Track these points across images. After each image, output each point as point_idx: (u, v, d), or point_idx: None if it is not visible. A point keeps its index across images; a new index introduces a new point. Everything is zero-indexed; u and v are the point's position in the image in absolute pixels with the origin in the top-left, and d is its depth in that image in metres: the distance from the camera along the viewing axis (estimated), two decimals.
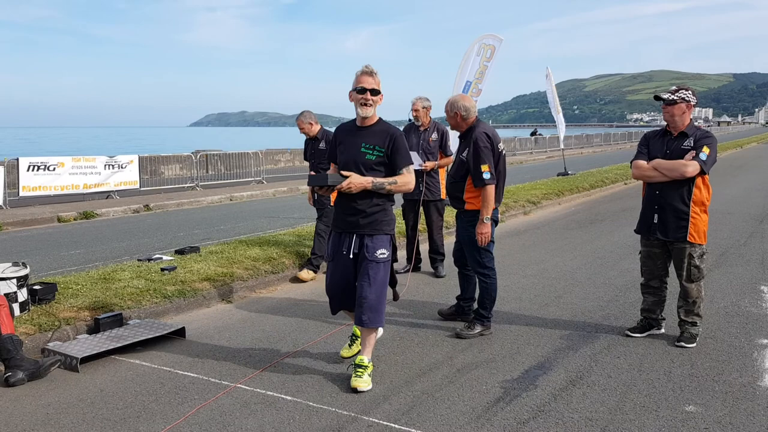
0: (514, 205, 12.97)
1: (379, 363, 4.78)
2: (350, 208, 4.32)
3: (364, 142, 4.29)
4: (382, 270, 4.34)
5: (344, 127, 4.52)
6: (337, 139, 4.48)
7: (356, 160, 4.28)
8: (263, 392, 4.29)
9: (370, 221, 4.29)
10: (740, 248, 9.04)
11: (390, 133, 4.30)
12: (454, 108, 5.40)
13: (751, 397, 4.11)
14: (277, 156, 24.95)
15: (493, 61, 12.88)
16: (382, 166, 4.30)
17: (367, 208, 4.28)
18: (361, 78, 4.26)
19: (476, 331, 5.42)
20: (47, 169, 15.03)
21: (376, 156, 4.27)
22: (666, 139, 5.08)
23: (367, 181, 4.22)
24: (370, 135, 4.31)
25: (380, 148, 4.27)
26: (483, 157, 5.19)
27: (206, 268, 7.04)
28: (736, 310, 6.04)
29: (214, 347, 5.23)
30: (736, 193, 15.98)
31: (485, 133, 5.31)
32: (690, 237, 4.95)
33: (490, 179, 5.20)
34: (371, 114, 4.29)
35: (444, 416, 3.89)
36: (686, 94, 4.96)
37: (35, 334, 5.10)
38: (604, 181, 18.12)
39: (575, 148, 41.57)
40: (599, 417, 3.86)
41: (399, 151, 4.28)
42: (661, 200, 5.03)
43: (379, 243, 4.31)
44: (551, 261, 8.39)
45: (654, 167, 5.01)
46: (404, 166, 4.30)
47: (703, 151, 4.85)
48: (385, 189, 4.26)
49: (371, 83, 4.25)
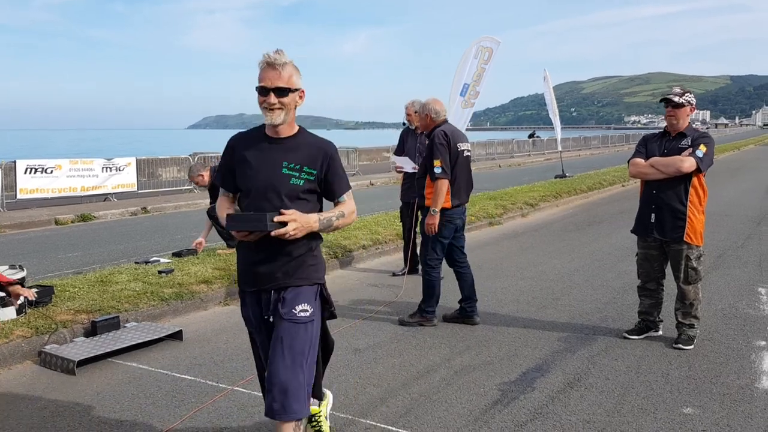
0: (511, 207, 12.97)
1: (377, 365, 4.78)
2: (265, 253, 2.97)
3: (285, 161, 2.96)
4: (304, 334, 2.99)
5: (246, 137, 3.10)
6: (236, 156, 3.07)
7: (276, 186, 2.94)
8: (261, 395, 4.26)
9: (290, 269, 3.00)
10: (738, 250, 9.05)
11: (324, 149, 3.01)
12: (425, 109, 5.75)
13: (749, 399, 4.11)
14: None
15: (490, 63, 12.90)
16: (311, 195, 3.02)
17: (291, 251, 2.98)
18: (261, 73, 2.92)
19: (415, 320, 5.76)
20: (45, 171, 15.00)
21: (305, 180, 2.96)
22: (664, 139, 5.11)
23: (313, 221, 2.93)
24: (291, 150, 2.98)
25: (310, 169, 2.97)
26: (436, 152, 5.49)
27: (204, 270, 7.03)
28: (733, 312, 6.04)
29: (211, 350, 5.21)
30: (734, 195, 16.00)
31: (443, 131, 5.60)
32: (687, 237, 4.96)
33: (441, 174, 5.46)
34: (281, 121, 2.93)
35: (441, 419, 3.88)
36: (691, 97, 5.00)
37: (32, 337, 5.08)
38: (602, 183, 18.13)
39: (573, 150, 41.61)
40: (597, 419, 3.85)
41: (338, 172, 3.06)
42: (658, 200, 5.04)
43: (300, 296, 3.01)
44: (549, 263, 8.39)
45: (651, 164, 5.02)
46: (345, 192, 3.09)
47: (699, 149, 4.87)
48: (332, 227, 3.04)
49: (276, 79, 2.89)
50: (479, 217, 11.60)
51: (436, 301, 5.78)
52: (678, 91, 5.00)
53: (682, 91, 5.00)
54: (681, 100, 4.93)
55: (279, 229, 2.81)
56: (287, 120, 2.96)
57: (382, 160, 27.11)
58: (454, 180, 5.57)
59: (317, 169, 2.99)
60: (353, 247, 8.58)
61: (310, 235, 3.00)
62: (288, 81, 2.91)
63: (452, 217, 5.64)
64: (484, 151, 35.32)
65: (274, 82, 2.89)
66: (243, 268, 3.10)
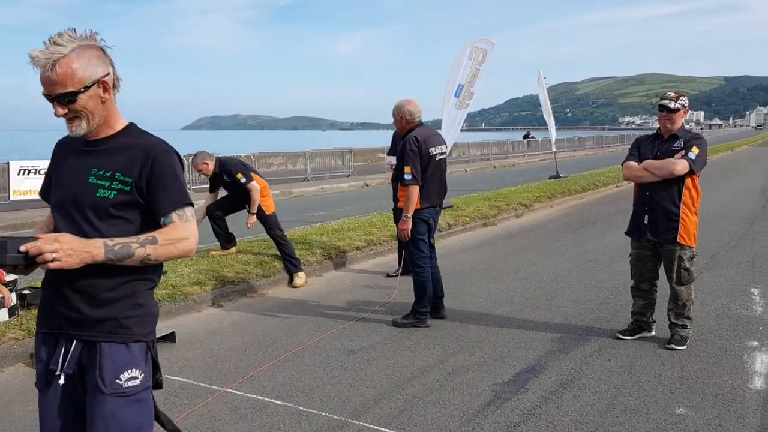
0: (506, 208, 12.99)
1: (370, 367, 4.77)
2: (67, 290, 2.20)
3: (95, 167, 2.23)
4: (136, 414, 2.25)
5: (69, 139, 2.35)
6: (52, 163, 2.44)
7: (79, 199, 2.21)
8: (253, 397, 4.27)
9: (98, 315, 2.19)
10: (731, 251, 9.08)
11: (146, 150, 2.23)
12: (400, 112, 5.78)
13: (741, 400, 4.12)
14: (270, 159, 24.90)
15: (485, 64, 12.92)
16: (130, 211, 2.21)
17: (101, 291, 2.19)
18: (41, 77, 2.11)
19: (408, 321, 5.77)
20: (38, 172, 14.93)
21: (116, 192, 2.19)
22: (657, 142, 5.15)
23: (95, 247, 2.07)
24: (105, 154, 2.24)
25: (124, 176, 2.20)
26: (406, 158, 5.53)
27: (197, 272, 7.01)
28: (726, 313, 6.06)
29: (204, 352, 5.20)
30: (727, 196, 16.06)
31: (415, 136, 5.61)
32: (680, 238, 4.98)
33: (411, 180, 5.51)
34: (85, 130, 2.21)
35: (435, 420, 3.88)
36: (685, 100, 5.04)
37: (24, 339, 5.06)
38: (596, 184, 18.17)
39: (567, 151, 41.70)
40: (590, 420, 3.86)
41: (164, 182, 2.21)
42: (651, 202, 5.06)
43: (124, 358, 2.22)
44: (543, 264, 8.41)
45: (644, 167, 5.05)
46: (174, 209, 2.21)
47: (692, 151, 4.91)
48: (138, 258, 2.13)
49: (52, 85, 2.11)
50: (473, 217, 11.61)
51: (428, 302, 5.80)
52: (672, 95, 5.04)
53: (676, 96, 5.05)
54: (676, 105, 4.97)
55: (18, 263, 2.01)
56: (96, 123, 2.20)
57: (376, 161, 27.10)
58: (424, 184, 5.63)
59: (133, 176, 2.19)
60: (347, 248, 8.57)
61: (130, 274, 2.19)
62: (70, 81, 2.09)
63: (424, 216, 5.70)
64: (478, 151, 35.36)
65: (51, 89, 2.11)
66: (42, 298, 2.33)
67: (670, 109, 4.96)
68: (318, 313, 6.24)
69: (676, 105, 4.96)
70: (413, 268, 5.82)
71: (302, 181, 21.77)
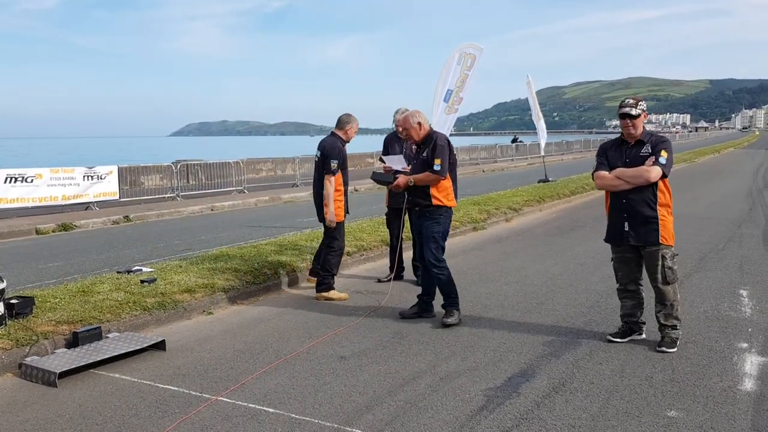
0: (495, 212, 13.02)
1: (362, 372, 4.76)
2: None
3: None
4: None
5: None
6: None
7: None
8: (245, 405, 4.24)
9: None
10: (719, 253, 9.14)
11: None
12: (416, 118, 6.07)
13: (732, 402, 4.14)
14: (259, 165, 24.85)
15: (473, 69, 12.94)
16: None
17: None
18: None
19: (455, 317, 5.94)
20: (25, 180, 14.83)
21: None
22: (623, 148, 5.27)
23: None
24: None
25: None
26: (438, 151, 5.94)
27: (187, 279, 6.98)
28: (715, 315, 6.10)
29: (195, 360, 5.17)
30: (714, 198, 16.17)
31: (445, 136, 6.23)
32: (662, 239, 5.11)
33: (440, 171, 5.91)
34: None
35: (427, 425, 3.87)
36: (644, 105, 5.19)
37: (12, 349, 5.01)
38: (584, 188, 18.24)
39: (556, 154, 41.88)
40: (582, 423, 3.87)
41: None
42: (629, 208, 5.18)
43: None
44: (533, 267, 8.43)
45: (617, 176, 5.17)
46: None
47: (662, 156, 5.05)
48: None
49: None
50: (463, 222, 11.63)
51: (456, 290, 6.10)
52: (631, 102, 5.17)
53: (635, 101, 5.17)
54: (637, 111, 5.11)
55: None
56: None
57: (365, 167, 27.09)
58: (452, 184, 6.15)
59: None
60: None
61: None
62: None
63: (450, 215, 6.15)
64: (467, 156, 35.45)
65: None
66: None
67: (632, 115, 5.10)
68: (309, 319, 6.22)
69: (637, 111, 5.10)
70: (437, 269, 5.99)
71: (291, 186, 21.73)
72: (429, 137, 6.10)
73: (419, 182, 5.99)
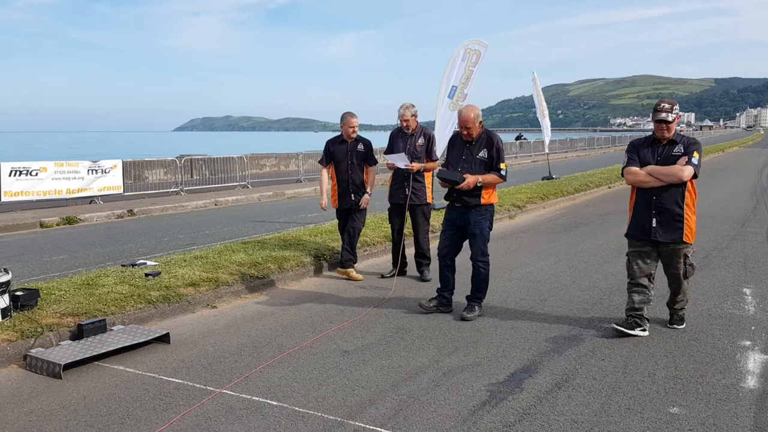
0: (499, 209, 13.00)
1: (365, 367, 4.78)
2: None
3: None
4: None
5: None
6: None
7: None
8: (249, 398, 4.26)
9: None
10: (723, 251, 9.13)
11: None
12: (479, 117, 6.05)
13: (734, 399, 4.15)
14: (263, 160, 24.87)
15: (478, 66, 12.93)
16: None
17: None
18: None
19: (476, 312, 6.02)
20: (29, 174, 14.88)
21: None
22: (655, 147, 5.38)
23: None
24: None
25: None
26: (503, 155, 6.04)
27: (191, 273, 7.00)
28: (719, 312, 6.10)
29: (199, 353, 5.19)
30: (719, 197, 16.15)
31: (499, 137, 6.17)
32: (685, 237, 5.27)
33: (506, 176, 6.05)
34: None
35: (430, 420, 3.89)
36: (677, 108, 5.35)
37: (17, 341, 5.04)
38: (588, 185, 18.23)
39: (560, 152, 41.82)
40: (584, 419, 3.87)
41: None
42: (658, 205, 5.30)
43: None
44: (536, 264, 8.43)
45: (649, 173, 5.28)
46: None
47: (694, 156, 5.21)
48: None
49: None
50: None
51: None
52: (667, 107, 5.27)
53: (670, 106, 5.30)
54: (672, 116, 5.24)
55: None
56: None
57: None
58: None
59: None
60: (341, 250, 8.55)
61: None
62: None
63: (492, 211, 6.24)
64: None
65: None
66: None
67: (668, 121, 5.23)
68: (312, 314, 6.24)
69: (672, 116, 5.24)
70: (484, 259, 6.08)
71: (295, 182, 21.74)
72: (484, 135, 6.08)
73: (487, 184, 5.95)
